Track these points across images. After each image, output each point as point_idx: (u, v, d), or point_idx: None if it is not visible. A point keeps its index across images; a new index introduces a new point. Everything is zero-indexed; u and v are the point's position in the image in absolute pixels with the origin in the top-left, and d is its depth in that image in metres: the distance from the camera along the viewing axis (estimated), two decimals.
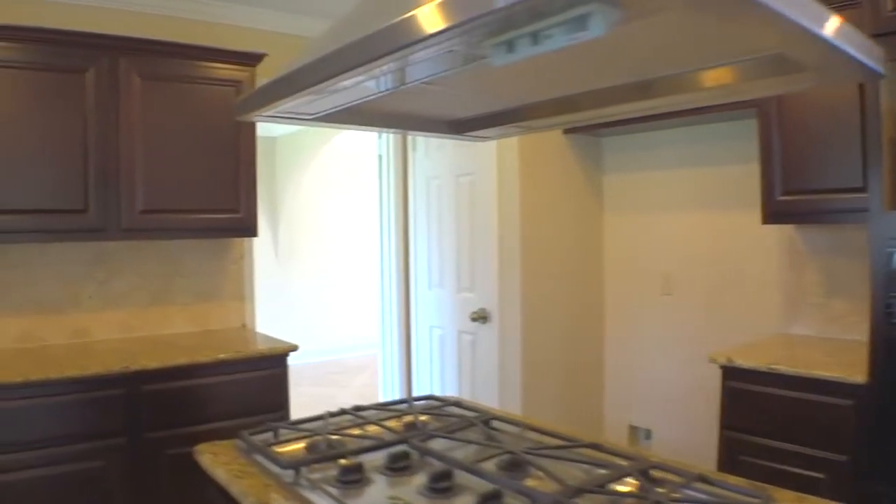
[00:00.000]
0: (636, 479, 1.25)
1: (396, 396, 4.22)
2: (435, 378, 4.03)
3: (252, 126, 3.17)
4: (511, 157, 3.48)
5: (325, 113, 1.40)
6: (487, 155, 3.58)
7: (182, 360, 2.68)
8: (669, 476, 1.27)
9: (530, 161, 3.51)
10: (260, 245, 4.55)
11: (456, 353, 3.86)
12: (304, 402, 4.36)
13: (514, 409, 3.53)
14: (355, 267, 8.28)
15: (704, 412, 3.10)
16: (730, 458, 2.50)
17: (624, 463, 1.34)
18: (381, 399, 4.38)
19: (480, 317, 3.64)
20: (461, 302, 3.80)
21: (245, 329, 3.49)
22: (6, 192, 2.63)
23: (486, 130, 1.70)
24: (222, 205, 3.10)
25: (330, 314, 7.93)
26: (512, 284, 3.51)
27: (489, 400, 3.65)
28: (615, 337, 3.85)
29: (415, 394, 4.16)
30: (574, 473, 1.32)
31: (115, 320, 3.19)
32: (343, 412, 1.72)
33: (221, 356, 2.77)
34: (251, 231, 3.20)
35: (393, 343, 4.22)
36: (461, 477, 1.28)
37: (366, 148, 8.07)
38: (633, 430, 3.80)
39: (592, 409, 3.88)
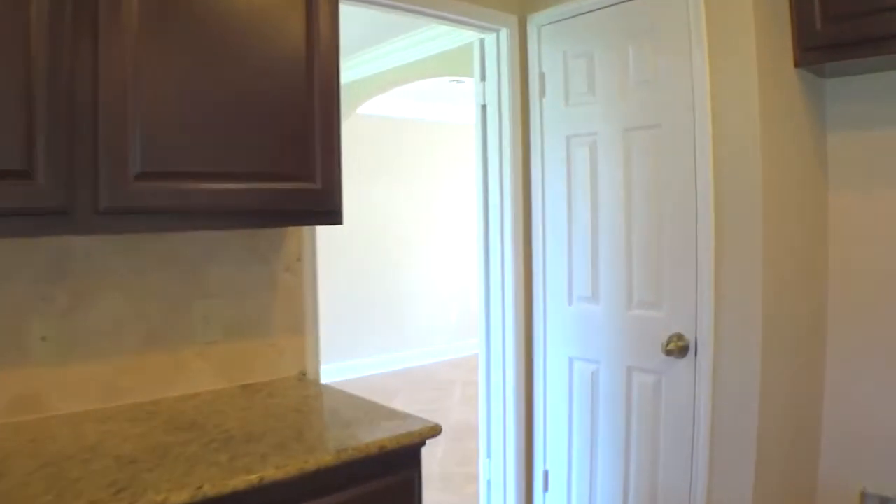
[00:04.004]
0: None
1: (510, 459, 2.86)
2: (578, 437, 2.66)
3: (333, 33, 1.77)
4: (743, 98, 2.13)
5: None
6: (688, 94, 2.23)
7: (232, 477, 1.29)
8: None
9: (771, 105, 2.17)
10: None
11: (623, 402, 2.50)
12: None
13: (740, 494, 2.20)
14: (400, 266, 6.91)
15: None
16: None
17: None
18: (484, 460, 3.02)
19: (677, 347, 2.29)
20: (636, 324, 2.44)
21: (306, 381, 2.10)
22: None
23: None
24: (284, 168, 1.70)
25: (355, 323, 6.50)
26: (741, 296, 2.17)
27: (682, 474, 2.32)
28: (841, 367, 2.51)
29: (544, 457, 2.79)
30: None
31: (89, 378, 1.77)
32: None
33: (308, 464, 1.37)
34: (334, 213, 1.81)
35: (506, 382, 2.85)
36: None
37: (421, 110, 6.80)
38: (866, 498, 2.48)
39: (805, 469, 2.56)
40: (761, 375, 2.15)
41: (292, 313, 2.14)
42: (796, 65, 2.27)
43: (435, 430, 1.58)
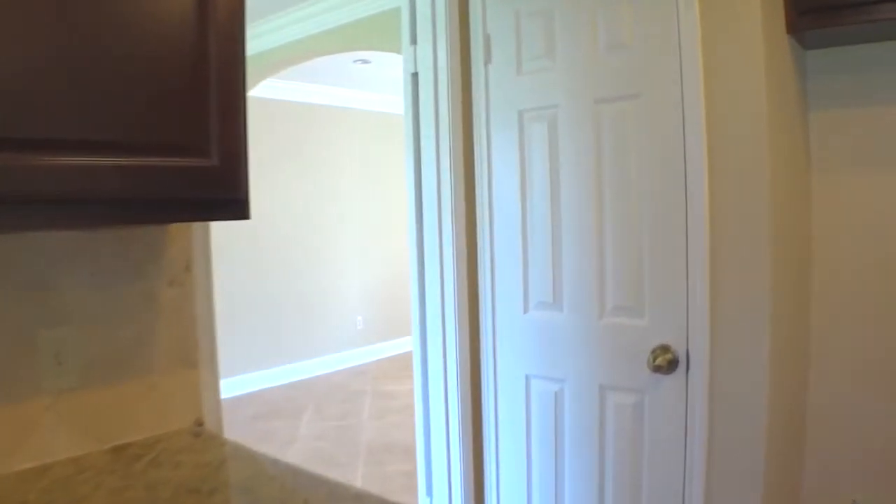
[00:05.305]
0: None
1: (457, 496, 2.40)
2: (539, 469, 2.24)
3: None
4: (745, 66, 1.75)
5: None
6: (673, 57, 1.84)
7: None
8: None
9: (774, 76, 1.81)
10: None
11: (595, 427, 2.10)
12: None
13: None
14: (297, 268, 6.25)
15: None
16: None
17: None
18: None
19: (666, 361, 1.90)
20: (611, 334, 2.04)
21: (204, 436, 1.55)
22: None
23: None
24: (163, 135, 1.15)
25: (246, 332, 5.84)
26: (745, 299, 1.80)
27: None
28: (826, 369, 2.21)
29: (497, 495, 2.35)
30: None
31: None
32: None
33: None
34: (237, 203, 1.27)
35: (448, 407, 2.38)
36: None
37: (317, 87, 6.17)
38: None
39: (794, 481, 2.26)
40: (769, 392, 1.80)
41: (181, 341, 1.58)
42: (788, 31, 1.93)
43: None
